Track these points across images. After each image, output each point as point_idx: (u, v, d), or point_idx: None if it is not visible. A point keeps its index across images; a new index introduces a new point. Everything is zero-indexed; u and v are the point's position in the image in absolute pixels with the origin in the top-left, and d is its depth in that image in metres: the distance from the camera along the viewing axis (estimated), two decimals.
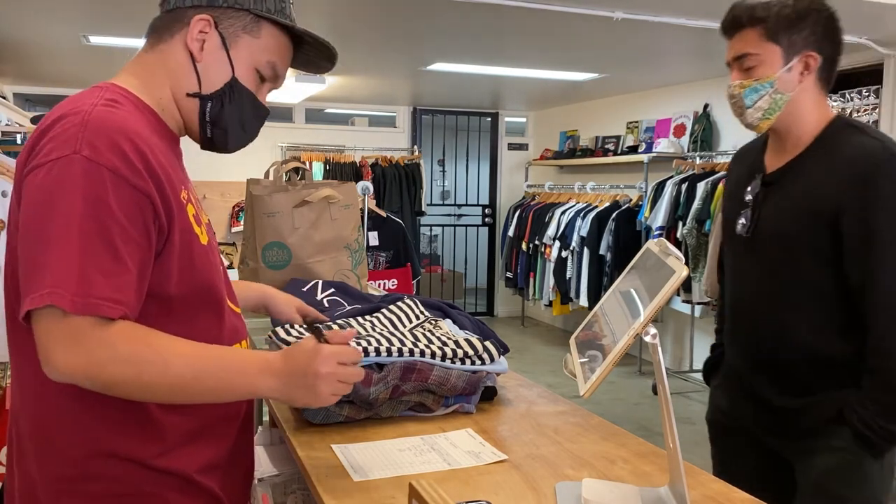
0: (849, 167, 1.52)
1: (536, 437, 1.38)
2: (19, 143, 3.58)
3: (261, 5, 1.18)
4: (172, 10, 1.17)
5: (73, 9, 3.88)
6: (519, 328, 7.79)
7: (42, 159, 1.01)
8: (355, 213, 2.20)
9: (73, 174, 0.99)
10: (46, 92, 6.73)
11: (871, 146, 1.53)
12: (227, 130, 1.22)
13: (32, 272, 0.98)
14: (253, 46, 1.19)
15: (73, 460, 1.08)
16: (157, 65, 1.18)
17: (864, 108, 4.58)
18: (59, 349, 0.98)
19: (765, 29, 1.56)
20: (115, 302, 1.00)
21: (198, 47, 1.16)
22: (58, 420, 1.09)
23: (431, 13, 3.87)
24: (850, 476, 1.57)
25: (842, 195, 1.51)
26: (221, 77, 1.18)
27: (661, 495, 1.09)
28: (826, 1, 1.60)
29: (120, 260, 1.01)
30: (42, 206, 0.99)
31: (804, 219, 1.57)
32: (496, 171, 8.32)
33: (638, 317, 1.00)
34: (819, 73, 1.59)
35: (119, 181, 1.01)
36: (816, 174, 1.57)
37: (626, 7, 3.58)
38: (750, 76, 1.59)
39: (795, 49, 1.56)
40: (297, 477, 1.60)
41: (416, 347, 1.48)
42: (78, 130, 1.01)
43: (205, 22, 1.16)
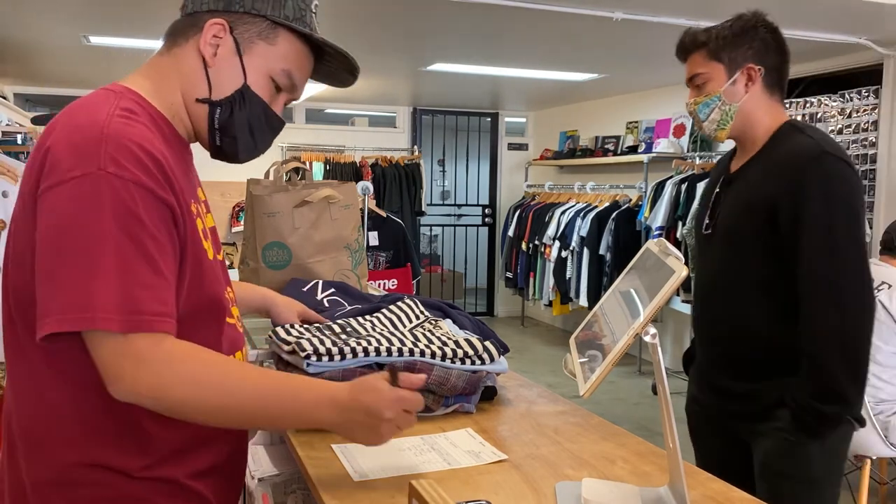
0: (784, 164, 1.66)
1: (536, 437, 1.38)
2: (19, 143, 3.57)
3: (279, 11, 1.15)
4: (191, 15, 1.15)
5: (74, 9, 3.88)
6: (519, 328, 7.79)
7: (62, 176, 0.98)
8: (355, 213, 2.20)
9: (100, 191, 0.97)
10: (46, 92, 6.73)
11: (806, 144, 1.66)
12: (237, 138, 1.19)
13: (69, 292, 0.96)
14: (268, 54, 1.16)
15: (62, 466, 1.07)
16: (170, 68, 1.16)
17: (864, 108, 4.58)
18: (126, 371, 0.98)
19: (707, 50, 1.75)
20: (163, 315, 1.00)
21: (210, 52, 1.13)
22: (49, 425, 1.08)
23: (431, 13, 3.87)
24: (790, 457, 1.66)
25: (777, 190, 1.64)
26: (233, 83, 1.15)
27: (661, 495, 1.09)
28: (767, 17, 1.78)
29: (159, 272, 1.01)
30: (71, 226, 0.97)
31: (748, 215, 1.71)
32: (496, 171, 8.32)
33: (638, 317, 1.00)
34: (765, 81, 1.76)
35: (146, 194, 1.00)
36: (759, 173, 1.73)
37: (626, 7, 3.58)
38: (701, 93, 1.78)
39: (737, 64, 1.73)
40: (297, 477, 1.60)
41: (416, 347, 1.48)
42: (98, 145, 0.99)
43: (219, 26, 1.13)
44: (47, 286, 0.98)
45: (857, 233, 1.63)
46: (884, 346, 2.89)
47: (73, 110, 1.08)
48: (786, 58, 1.78)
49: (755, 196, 1.70)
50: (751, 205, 1.70)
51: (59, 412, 1.08)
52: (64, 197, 0.98)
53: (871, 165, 4.55)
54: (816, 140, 1.67)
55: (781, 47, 1.78)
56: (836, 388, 1.62)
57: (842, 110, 4.72)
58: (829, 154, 1.63)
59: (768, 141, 1.75)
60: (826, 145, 1.65)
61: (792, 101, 5.07)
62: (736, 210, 1.75)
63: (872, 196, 4.56)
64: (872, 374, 2.90)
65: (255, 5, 1.14)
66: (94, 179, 0.97)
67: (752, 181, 1.73)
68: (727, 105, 1.75)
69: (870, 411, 2.82)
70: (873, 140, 4.52)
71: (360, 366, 1.44)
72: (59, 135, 1.03)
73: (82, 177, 0.97)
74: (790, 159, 1.66)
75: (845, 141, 4.68)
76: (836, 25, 3.90)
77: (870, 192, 4.57)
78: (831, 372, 1.62)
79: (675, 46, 1.83)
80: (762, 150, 1.75)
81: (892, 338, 2.89)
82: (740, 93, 1.75)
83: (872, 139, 4.53)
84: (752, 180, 1.74)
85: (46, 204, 0.99)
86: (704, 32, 1.76)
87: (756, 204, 1.68)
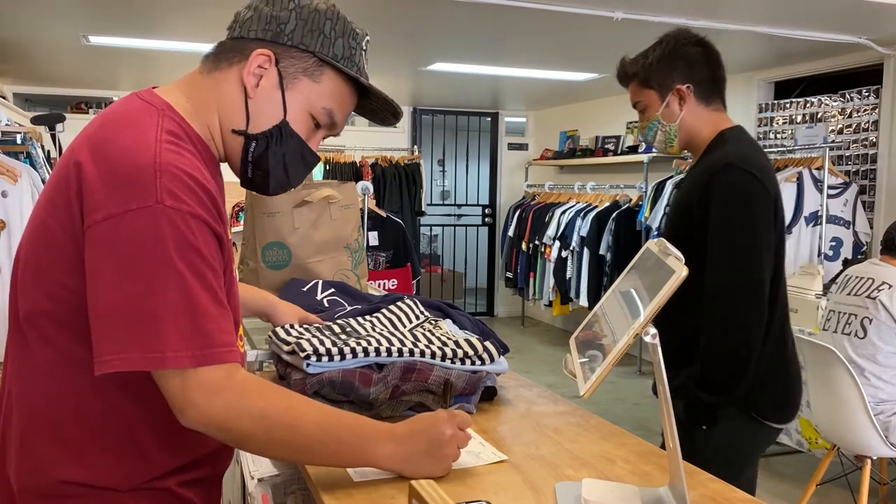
0: (699, 175, 1.82)
1: (536, 437, 1.38)
2: (19, 143, 3.57)
3: (328, 49, 1.12)
4: (236, 39, 1.11)
5: (73, 9, 3.88)
6: (519, 328, 7.79)
7: (117, 209, 0.96)
8: (355, 213, 2.20)
9: (160, 225, 0.96)
10: (46, 92, 6.73)
11: (719, 156, 1.79)
12: (269, 173, 1.16)
13: (135, 330, 0.95)
14: (311, 91, 1.13)
15: (52, 479, 1.07)
16: (209, 91, 1.12)
17: (864, 108, 4.58)
18: (198, 401, 0.98)
19: (639, 80, 1.89)
20: (230, 345, 1.01)
21: (253, 83, 1.10)
22: (48, 436, 1.07)
23: (431, 13, 3.87)
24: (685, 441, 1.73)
25: (692, 199, 1.80)
26: (272, 119, 1.12)
27: (661, 495, 1.09)
28: (690, 32, 1.88)
29: (220, 303, 1.01)
30: (133, 260, 0.95)
31: (676, 220, 1.92)
32: (496, 171, 8.32)
33: (638, 317, 1.00)
34: (697, 95, 1.87)
35: (202, 226, 1.00)
36: (688, 182, 1.90)
37: (626, 7, 3.58)
38: (644, 118, 1.93)
39: (667, 87, 1.86)
40: (297, 477, 1.60)
41: (416, 347, 1.48)
42: (153, 177, 0.97)
43: (265, 57, 1.09)
44: (109, 322, 0.96)
45: (751, 241, 1.74)
46: (884, 346, 2.89)
47: (113, 125, 1.04)
48: (716, 66, 1.88)
49: (682, 204, 1.88)
50: (680, 211, 1.89)
51: (61, 430, 1.07)
52: (123, 230, 0.96)
53: (872, 165, 4.55)
54: (728, 152, 1.79)
55: (709, 57, 1.87)
56: (716, 379, 1.76)
57: (842, 110, 4.72)
58: (733, 165, 1.74)
59: (704, 150, 1.89)
60: (733, 157, 1.76)
61: (792, 101, 5.07)
62: (672, 214, 1.98)
63: (873, 196, 4.56)
64: (872, 374, 2.91)
65: (303, 40, 1.10)
66: (153, 213, 0.95)
67: (683, 189, 1.92)
68: (667, 126, 1.89)
69: (870, 412, 2.82)
70: (873, 140, 4.52)
71: (360, 366, 1.44)
72: (104, 155, 1.00)
73: (139, 210, 0.95)
74: (704, 170, 1.80)
75: (845, 141, 4.68)
76: (836, 25, 3.91)
77: (870, 192, 4.57)
78: (713, 364, 1.76)
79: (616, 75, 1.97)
80: (699, 158, 1.90)
81: (892, 338, 2.89)
82: (676, 112, 1.87)
83: (872, 139, 4.53)
84: (683, 188, 1.92)
85: (101, 235, 0.97)
86: (633, 63, 1.90)
87: (683, 211, 1.86)
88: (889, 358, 2.90)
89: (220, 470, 1.25)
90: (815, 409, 3.13)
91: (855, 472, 3.15)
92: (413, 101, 7.54)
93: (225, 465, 1.28)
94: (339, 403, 1.42)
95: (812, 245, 4.42)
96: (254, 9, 1.12)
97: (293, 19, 1.10)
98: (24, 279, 1.08)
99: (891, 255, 3.07)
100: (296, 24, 1.10)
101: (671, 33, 1.89)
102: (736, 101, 5.62)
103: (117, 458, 1.08)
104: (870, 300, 2.94)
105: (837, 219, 4.42)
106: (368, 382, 1.40)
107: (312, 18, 1.11)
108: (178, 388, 0.98)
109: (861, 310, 2.97)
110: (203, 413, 0.99)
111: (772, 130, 5.20)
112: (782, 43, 4.17)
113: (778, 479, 3.88)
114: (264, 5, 1.11)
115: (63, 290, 1.03)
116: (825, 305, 3.37)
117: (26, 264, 1.08)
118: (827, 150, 4.31)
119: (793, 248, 4.40)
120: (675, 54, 1.85)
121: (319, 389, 1.39)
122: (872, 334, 2.91)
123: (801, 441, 3.66)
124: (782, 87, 5.34)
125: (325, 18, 1.12)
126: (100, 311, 0.97)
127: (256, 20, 1.10)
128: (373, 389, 1.40)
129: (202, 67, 1.14)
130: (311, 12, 1.11)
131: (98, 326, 0.98)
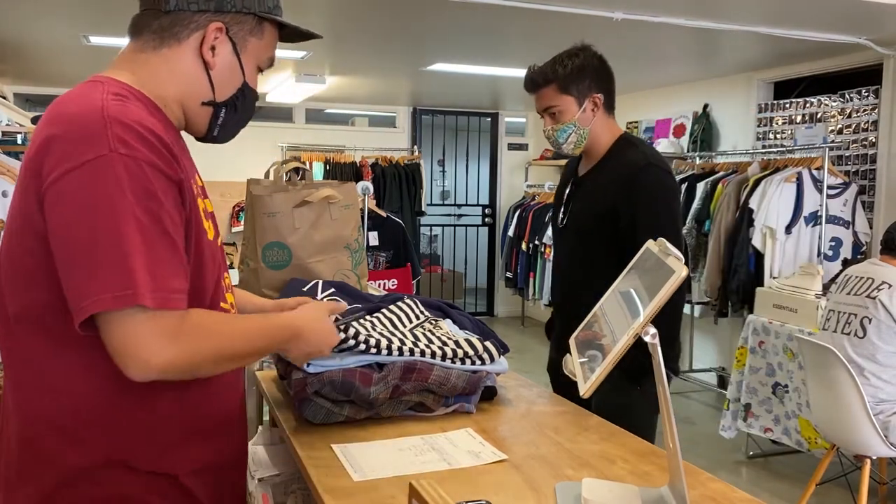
0: (621, 174, 2.05)
1: (536, 437, 1.38)
2: (20, 143, 3.57)
3: (263, 6, 1.19)
4: (173, 12, 1.14)
5: (73, 9, 3.88)
6: (519, 328, 7.79)
7: (74, 162, 0.99)
8: (355, 213, 2.20)
9: (117, 172, 0.99)
10: (46, 92, 6.73)
11: (637, 157, 2.04)
12: (232, 129, 1.26)
13: (95, 273, 0.98)
14: (258, 47, 1.21)
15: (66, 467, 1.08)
16: (159, 66, 1.16)
17: (864, 108, 4.58)
18: (155, 347, 1.00)
19: (558, 85, 2.08)
20: (183, 292, 1.04)
21: (211, 55, 1.17)
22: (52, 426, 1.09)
23: (431, 13, 3.87)
24: (618, 403, 1.89)
25: (616, 195, 2.03)
26: (234, 83, 1.20)
27: (661, 495, 1.09)
28: (593, 48, 2.11)
29: (177, 250, 1.04)
30: (91, 208, 0.98)
31: (594, 216, 2.10)
32: (496, 172, 8.32)
33: (638, 317, 1.00)
34: (605, 105, 2.11)
35: (157, 173, 1.02)
36: (602, 180, 2.11)
37: (626, 7, 3.58)
38: (558, 121, 2.11)
39: (584, 94, 2.08)
40: (297, 477, 1.60)
41: (417, 347, 1.48)
42: (104, 128, 1.00)
43: (218, 29, 1.16)
44: (80, 270, 0.98)
45: (677, 228, 2.08)
46: (883, 345, 2.90)
47: (62, 102, 1.08)
48: (613, 81, 2.14)
49: (601, 201, 2.07)
50: (597, 208, 2.08)
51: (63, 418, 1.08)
52: (81, 181, 0.98)
53: (871, 165, 4.55)
54: (646, 153, 2.07)
55: (609, 73, 2.13)
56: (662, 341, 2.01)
57: (842, 110, 4.72)
58: (652, 165, 2.02)
59: (608, 152, 2.13)
60: (651, 157, 2.05)
61: (792, 101, 5.07)
62: (585, 210, 2.15)
63: (872, 196, 4.56)
64: (872, 374, 2.91)
65: (245, 3, 1.17)
66: (108, 161, 0.99)
67: (597, 187, 2.12)
68: (581, 129, 2.10)
69: (870, 411, 2.82)
70: (873, 140, 4.52)
71: (360, 366, 1.44)
72: (56, 125, 1.03)
73: (95, 160, 0.98)
74: (625, 170, 2.04)
75: (845, 141, 4.68)
76: (836, 25, 3.91)
77: (870, 192, 4.57)
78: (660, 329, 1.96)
79: (525, 81, 2.15)
80: (603, 159, 2.13)
81: (892, 338, 2.89)
82: (589, 118, 2.10)
83: (872, 139, 4.53)
84: (597, 186, 2.12)
85: (62, 191, 0.99)
86: (552, 70, 2.09)
87: (601, 208, 2.06)
88: (889, 357, 2.90)
89: (229, 469, 1.25)
90: (814, 409, 3.13)
91: (854, 471, 3.15)
92: (413, 101, 7.53)
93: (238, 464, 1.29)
94: (339, 403, 1.42)
95: (812, 245, 4.42)
96: None
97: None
98: (14, 278, 1.08)
99: (890, 255, 3.07)
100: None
101: (583, 47, 2.12)
102: (736, 101, 5.64)
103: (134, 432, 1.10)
104: (869, 300, 2.94)
105: (837, 219, 4.42)
106: (369, 382, 1.40)
107: None
108: (130, 336, 0.99)
109: (861, 309, 2.97)
110: (161, 360, 1.01)
111: (771, 130, 5.20)
112: (782, 43, 4.17)
113: (777, 479, 3.88)
114: None
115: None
116: (825, 305, 3.37)
117: (11, 263, 1.08)
118: (827, 150, 4.31)
119: (792, 248, 4.40)
120: (590, 66, 2.08)
121: (320, 389, 1.40)
122: (872, 334, 2.92)
123: (801, 441, 3.66)
124: (782, 87, 5.33)
125: None
126: (69, 262, 0.99)
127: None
128: (373, 389, 1.40)
129: (141, 45, 1.17)
130: None
131: (68, 276, 1.00)
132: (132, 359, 1.00)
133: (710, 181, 4.98)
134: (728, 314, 4.80)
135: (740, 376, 4.02)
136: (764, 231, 4.37)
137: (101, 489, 1.09)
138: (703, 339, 5.69)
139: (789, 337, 3.70)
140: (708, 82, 5.70)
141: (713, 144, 5.65)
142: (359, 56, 5.06)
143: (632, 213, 2.00)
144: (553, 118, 2.12)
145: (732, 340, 5.09)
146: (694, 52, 4.75)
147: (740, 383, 4.00)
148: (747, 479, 3.91)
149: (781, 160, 4.65)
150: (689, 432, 4.52)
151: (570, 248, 2.23)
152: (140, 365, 1.00)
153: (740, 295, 4.49)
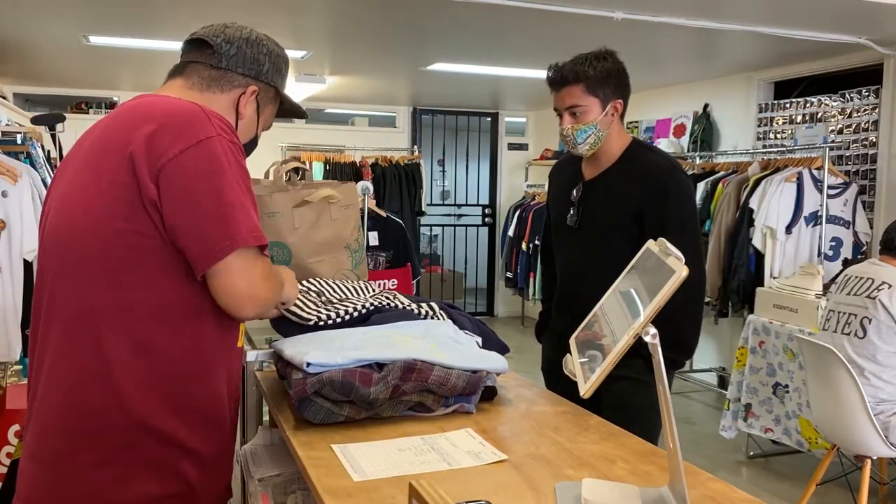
0: (647, 176, 2.12)
1: (536, 437, 1.38)
2: (19, 143, 3.56)
3: (280, 83, 1.55)
4: (223, 69, 1.45)
5: (74, 9, 3.88)
6: (519, 328, 7.79)
7: (190, 141, 1.26)
8: (355, 213, 2.20)
9: (224, 149, 1.29)
10: (46, 92, 6.73)
11: (661, 162, 2.15)
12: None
13: (227, 220, 1.26)
14: (270, 111, 1.57)
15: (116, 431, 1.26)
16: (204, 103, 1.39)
17: (864, 108, 4.58)
18: (264, 287, 1.32)
19: (586, 86, 2.10)
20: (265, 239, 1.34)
21: (244, 108, 1.48)
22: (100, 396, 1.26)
23: (431, 13, 3.87)
24: (640, 393, 1.98)
25: (643, 195, 2.09)
26: (249, 133, 1.53)
27: (661, 495, 1.09)
28: (616, 54, 2.14)
29: (255, 207, 1.34)
30: (211, 174, 1.26)
31: (618, 213, 2.14)
32: (496, 171, 8.32)
33: (638, 317, 1.00)
34: (622, 112, 2.17)
35: (241, 153, 1.35)
36: (624, 181, 2.15)
37: (626, 7, 3.58)
38: (579, 121, 2.12)
39: (608, 99, 2.12)
40: (297, 477, 1.60)
41: (377, 301, 1.48)
42: (206, 119, 1.30)
43: (254, 92, 1.48)
44: (212, 221, 1.25)
45: (697, 227, 2.21)
46: (884, 345, 2.89)
47: (154, 105, 1.33)
48: (630, 91, 2.19)
49: (624, 199, 2.13)
50: (620, 206, 2.13)
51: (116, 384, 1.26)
52: (200, 154, 1.26)
53: (872, 165, 4.55)
54: (667, 158, 2.18)
55: (629, 83, 2.17)
56: (686, 344, 2.12)
57: (842, 110, 4.72)
58: (677, 170, 2.14)
59: (623, 155, 2.18)
60: (674, 162, 2.17)
61: (792, 101, 5.07)
62: (605, 209, 2.17)
63: (872, 196, 4.56)
64: (872, 374, 2.91)
65: (273, 79, 1.53)
66: (216, 141, 1.28)
67: (619, 188, 2.16)
68: (601, 132, 2.13)
69: (870, 411, 2.82)
70: (873, 140, 4.52)
71: (360, 365, 1.44)
72: (155, 121, 1.28)
73: (207, 139, 1.27)
74: (650, 173, 2.11)
75: (845, 141, 4.68)
76: (836, 25, 3.90)
77: (870, 192, 4.57)
78: (683, 332, 2.09)
79: (552, 77, 2.16)
80: (619, 162, 2.18)
81: (892, 338, 2.89)
82: (609, 122, 2.14)
83: (872, 139, 4.53)
84: (618, 187, 2.16)
85: (182, 164, 1.25)
86: (582, 70, 2.09)
87: (625, 205, 2.12)
88: (889, 358, 2.90)
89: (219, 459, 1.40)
90: (815, 409, 3.13)
91: (855, 471, 3.15)
92: (413, 101, 7.53)
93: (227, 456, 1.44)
94: (339, 403, 1.42)
95: (812, 245, 4.42)
96: (237, 48, 1.46)
97: (267, 62, 1.51)
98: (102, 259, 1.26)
99: (890, 255, 3.07)
100: (269, 66, 1.51)
101: (609, 51, 2.14)
102: (736, 101, 5.64)
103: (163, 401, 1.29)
104: (869, 300, 2.94)
105: (837, 219, 4.42)
106: (368, 382, 1.40)
107: (277, 63, 1.53)
108: (246, 271, 1.27)
109: (861, 310, 2.97)
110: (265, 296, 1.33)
111: (772, 130, 5.19)
112: (782, 43, 4.17)
113: (778, 479, 3.88)
114: (247, 47, 1.47)
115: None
116: (825, 305, 3.37)
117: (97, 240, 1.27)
118: (827, 150, 4.31)
119: (793, 247, 4.40)
120: (616, 75, 2.12)
121: (319, 389, 1.40)
122: (872, 334, 2.91)
123: (801, 441, 3.66)
124: (782, 87, 5.33)
125: (283, 62, 1.55)
126: (195, 215, 1.25)
127: (242, 59, 1.46)
128: (373, 389, 1.40)
129: (190, 83, 1.45)
130: (276, 58, 1.53)
131: (196, 230, 1.25)
132: (249, 299, 1.28)
133: (710, 181, 4.98)
134: (728, 314, 4.80)
135: (741, 376, 4.02)
136: (764, 231, 4.37)
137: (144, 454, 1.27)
138: (703, 339, 5.67)
139: (789, 337, 3.70)
140: (708, 82, 5.70)
141: (713, 144, 5.66)
142: (359, 56, 5.06)
143: (661, 213, 2.06)
144: (574, 117, 2.13)
145: (733, 340, 5.10)
146: (694, 51, 4.75)
147: (740, 383, 4.00)
148: (747, 480, 3.91)
149: (782, 160, 4.65)
150: (690, 432, 4.52)
151: (586, 249, 2.22)
152: (255, 304, 1.30)
153: (740, 295, 4.50)
